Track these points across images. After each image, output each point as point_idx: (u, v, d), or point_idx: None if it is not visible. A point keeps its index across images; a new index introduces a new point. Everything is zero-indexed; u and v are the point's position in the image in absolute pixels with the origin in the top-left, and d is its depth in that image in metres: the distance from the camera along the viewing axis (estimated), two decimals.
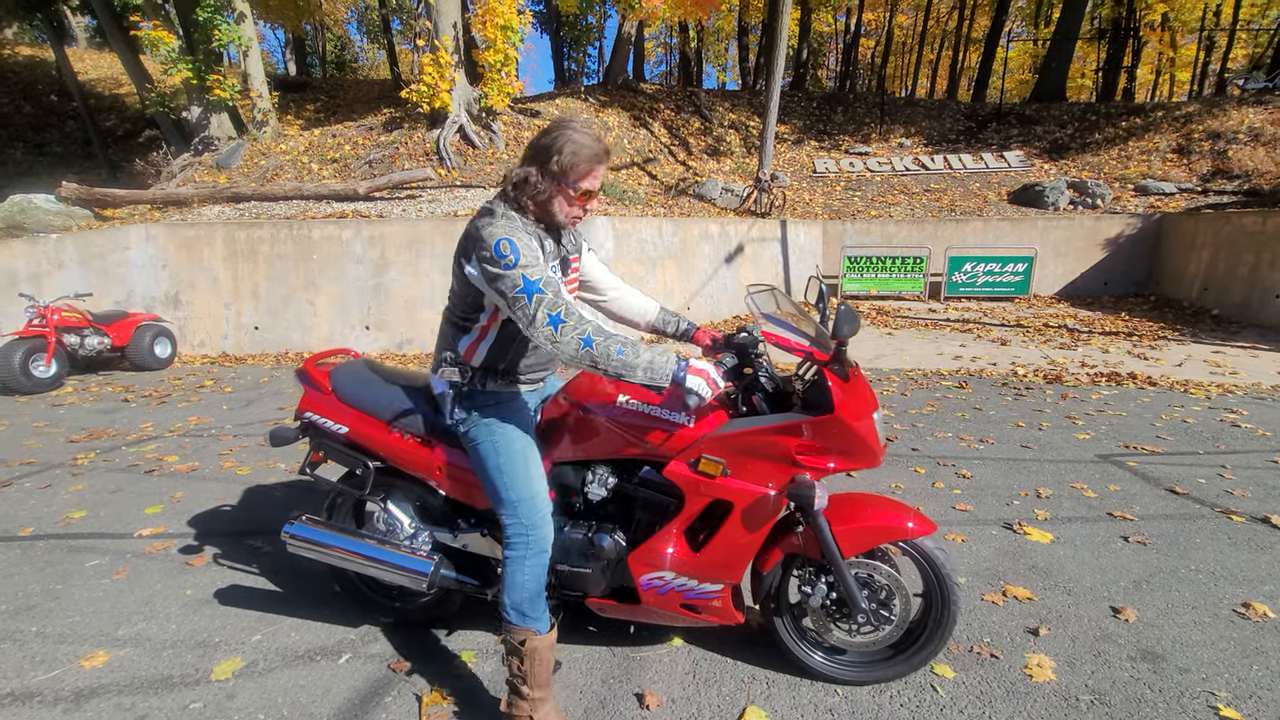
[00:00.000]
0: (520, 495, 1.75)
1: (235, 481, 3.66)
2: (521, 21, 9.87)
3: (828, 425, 1.70)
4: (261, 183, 9.13)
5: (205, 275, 7.42)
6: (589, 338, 1.55)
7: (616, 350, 1.55)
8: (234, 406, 5.32)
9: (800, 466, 1.74)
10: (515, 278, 1.56)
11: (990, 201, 12.71)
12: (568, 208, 1.71)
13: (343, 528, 2.10)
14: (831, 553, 1.82)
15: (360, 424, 2.03)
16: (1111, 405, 5.16)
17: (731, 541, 1.82)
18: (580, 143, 1.65)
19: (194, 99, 10.49)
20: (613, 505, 1.95)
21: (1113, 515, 3.17)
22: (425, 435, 1.98)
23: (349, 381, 2.09)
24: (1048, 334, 8.25)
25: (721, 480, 1.77)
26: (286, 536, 2.05)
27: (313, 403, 2.11)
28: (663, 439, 1.80)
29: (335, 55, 35.44)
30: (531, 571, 1.75)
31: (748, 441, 1.75)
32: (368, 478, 2.03)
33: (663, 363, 1.57)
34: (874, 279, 11.53)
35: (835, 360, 1.72)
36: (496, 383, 1.81)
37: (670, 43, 35.23)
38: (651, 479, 1.88)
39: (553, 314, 1.54)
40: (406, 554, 2.00)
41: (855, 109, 17.93)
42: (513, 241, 1.57)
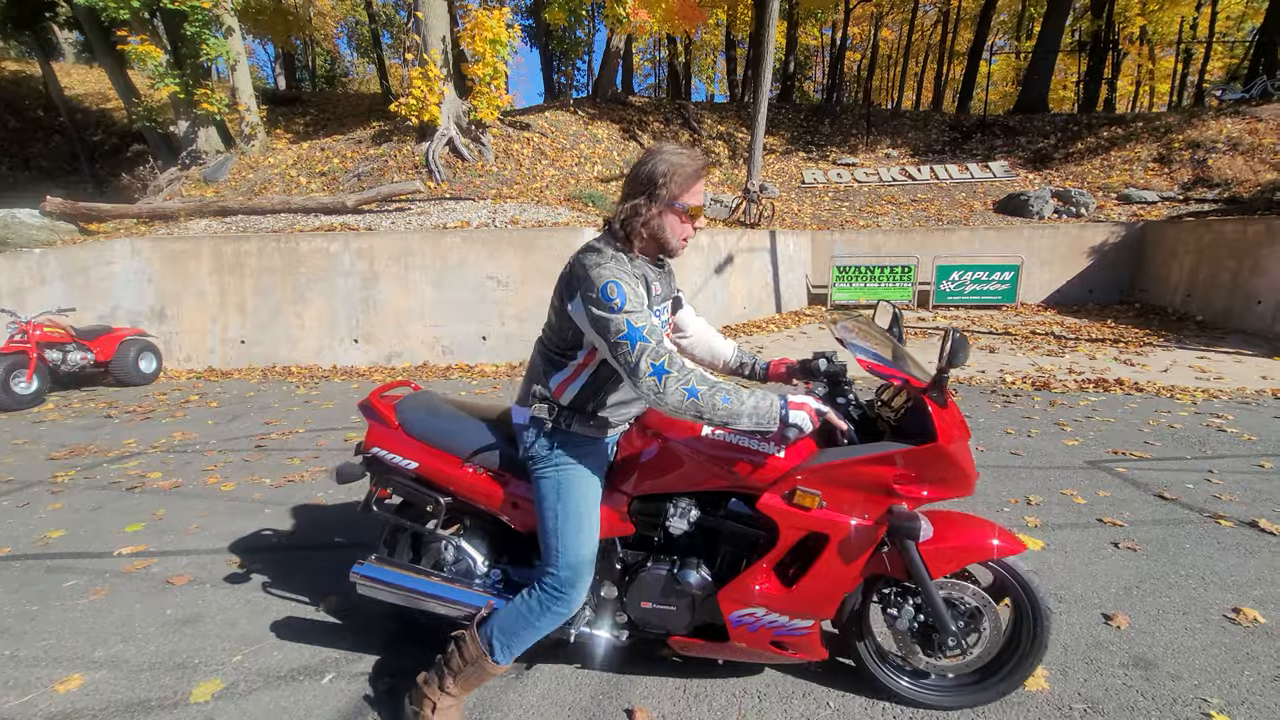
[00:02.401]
0: (566, 551, 1.71)
1: (219, 498, 3.60)
2: (511, 35, 9.93)
3: (929, 455, 1.66)
4: (249, 196, 9.09)
5: (191, 289, 7.35)
6: (693, 388, 1.54)
7: (722, 399, 1.55)
8: (219, 421, 5.26)
9: (897, 496, 1.71)
10: (620, 323, 1.54)
11: (976, 211, 12.85)
12: (679, 227, 1.70)
13: (415, 568, 2.04)
14: (921, 575, 1.77)
15: (431, 459, 1.98)
16: (1099, 412, 5.19)
17: (827, 575, 1.77)
18: (679, 162, 1.65)
19: (181, 113, 10.46)
20: (695, 539, 1.90)
21: (1102, 521, 3.17)
22: (499, 470, 1.95)
23: (418, 416, 2.04)
24: (1035, 341, 8.31)
25: (818, 513, 1.73)
26: (356, 577, 1.99)
27: (380, 438, 2.05)
28: (751, 470, 1.76)
29: (325, 70, 35.55)
30: (540, 625, 1.73)
31: (845, 473, 1.71)
32: (439, 514, 1.98)
33: (766, 406, 1.57)
34: (863, 288, 11.60)
35: (935, 387, 1.68)
36: (583, 424, 1.77)
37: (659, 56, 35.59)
38: (739, 511, 1.84)
39: (656, 364, 1.53)
40: (479, 593, 1.95)
41: (842, 120, 18.13)
42: (619, 285, 1.56)
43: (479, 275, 7.32)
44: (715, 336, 2.21)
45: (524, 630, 1.73)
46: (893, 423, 1.80)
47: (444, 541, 2.05)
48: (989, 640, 1.85)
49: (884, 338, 1.92)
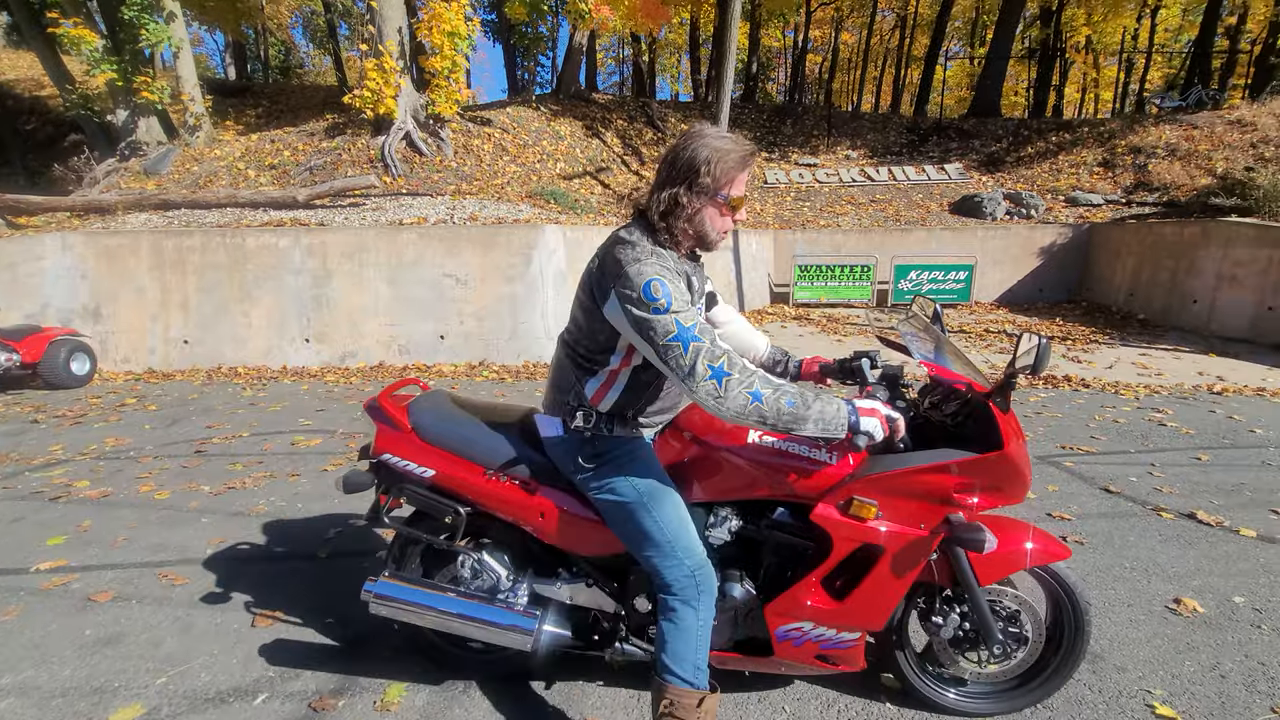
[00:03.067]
0: (678, 537, 1.62)
1: (152, 507, 3.40)
2: (470, 28, 9.72)
3: (993, 463, 1.60)
4: (193, 189, 8.69)
5: (130, 286, 6.99)
6: (757, 391, 1.42)
7: (787, 403, 1.42)
8: (157, 426, 4.99)
9: (953, 505, 1.65)
10: (668, 324, 1.42)
11: (932, 212, 13.14)
12: (720, 221, 1.57)
13: (433, 584, 1.90)
14: (969, 582, 1.72)
15: (450, 466, 1.84)
16: (1049, 407, 5.34)
17: (880, 587, 1.71)
18: (724, 149, 1.51)
19: (120, 101, 9.95)
20: (736, 549, 1.80)
21: (1051, 515, 3.24)
22: (527, 478, 1.82)
23: (433, 419, 1.90)
24: (989, 339, 8.53)
25: (874, 524, 1.66)
26: (370, 596, 1.83)
27: (391, 442, 1.89)
28: (803, 479, 1.68)
29: (280, 61, 34.42)
30: (704, 616, 1.63)
31: (904, 482, 1.64)
32: (459, 525, 1.83)
33: (834, 412, 1.45)
34: (824, 287, 11.75)
35: (999, 392, 1.61)
36: (625, 429, 1.68)
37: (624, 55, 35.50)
38: (785, 522, 1.75)
39: (715, 366, 1.41)
40: (506, 609, 1.82)
41: (803, 121, 18.35)
42: (664, 283, 1.43)
43: (436, 273, 7.14)
44: (749, 329, 2.09)
45: (702, 635, 1.63)
46: (950, 427, 1.72)
47: (462, 556, 1.91)
48: (1032, 645, 1.83)
49: (936, 337, 1.84)
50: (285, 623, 2.33)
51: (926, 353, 1.70)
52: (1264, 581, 2.59)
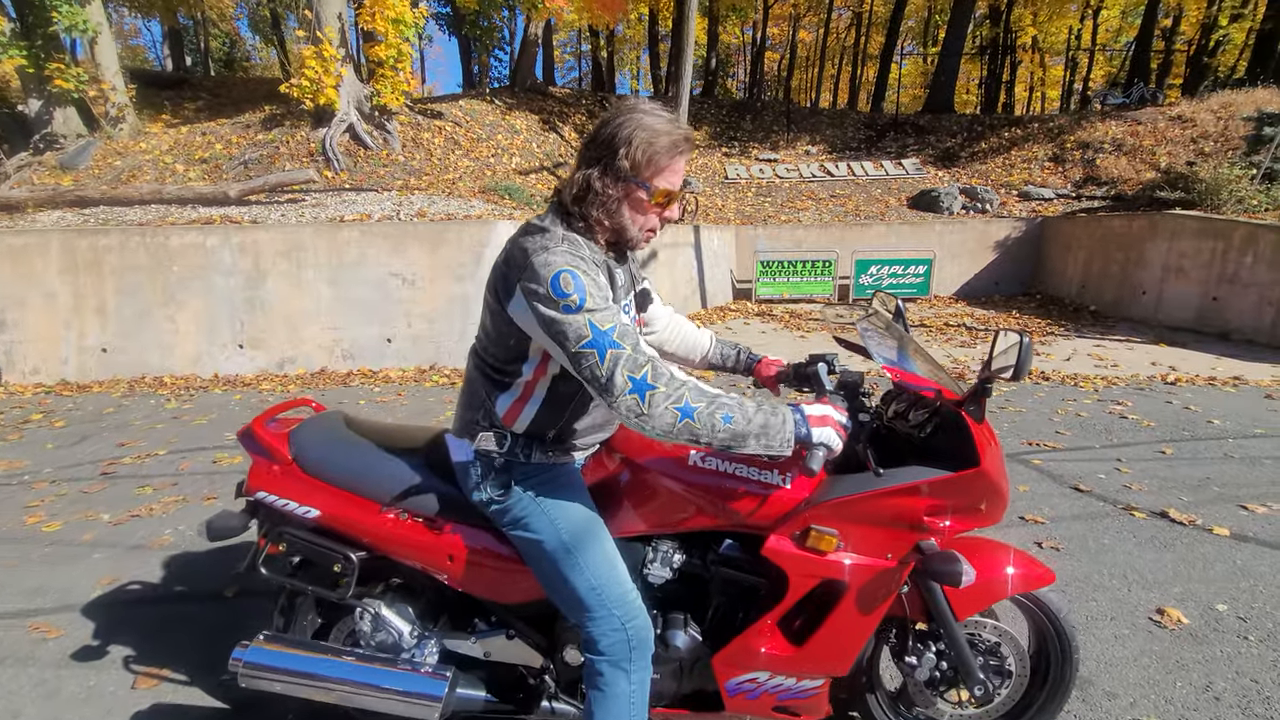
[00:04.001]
0: (606, 585, 1.37)
1: (37, 542, 2.99)
2: (416, 16, 9.28)
3: (969, 482, 1.40)
4: (114, 185, 8.06)
5: (38, 291, 6.39)
6: (688, 406, 1.19)
7: (723, 418, 1.19)
8: (62, 444, 4.51)
9: (923, 530, 1.44)
10: (581, 326, 1.18)
11: (891, 206, 13.20)
12: (642, 217, 1.33)
13: (323, 646, 1.60)
14: (945, 618, 1.52)
15: (337, 504, 1.56)
16: (1012, 402, 5.27)
17: (844, 628, 1.49)
18: (653, 128, 1.26)
19: (32, 90, 9.19)
20: (680, 588, 1.55)
21: (1025, 519, 3.10)
22: (433, 515, 1.54)
23: (319, 447, 1.61)
24: (949, 333, 8.53)
25: (836, 556, 1.44)
26: (239, 666, 1.52)
27: (266, 478, 1.60)
28: (753, 507, 1.44)
29: (223, 53, 32.96)
30: (639, 679, 1.39)
31: (869, 507, 1.42)
32: (350, 573, 1.53)
33: (778, 424, 1.22)
34: (786, 283, 11.67)
35: (973, 400, 1.40)
36: (545, 452, 1.42)
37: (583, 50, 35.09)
38: (734, 556, 1.51)
39: (637, 377, 1.18)
40: (409, 672, 1.52)
41: (763, 117, 18.32)
42: (576, 276, 1.19)
43: (381, 272, 6.73)
44: (687, 325, 1.84)
45: (635, 700, 1.38)
46: (915, 439, 1.51)
47: (360, 609, 1.60)
48: (1016, 680, 1.63)
49: (900, 338, 1.64)
50: (171, 682, 1.99)
51: (889, 355, 1.48)
52: (1244, 586, 2.48)
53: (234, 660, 1.52)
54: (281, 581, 1.60)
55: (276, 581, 1.60)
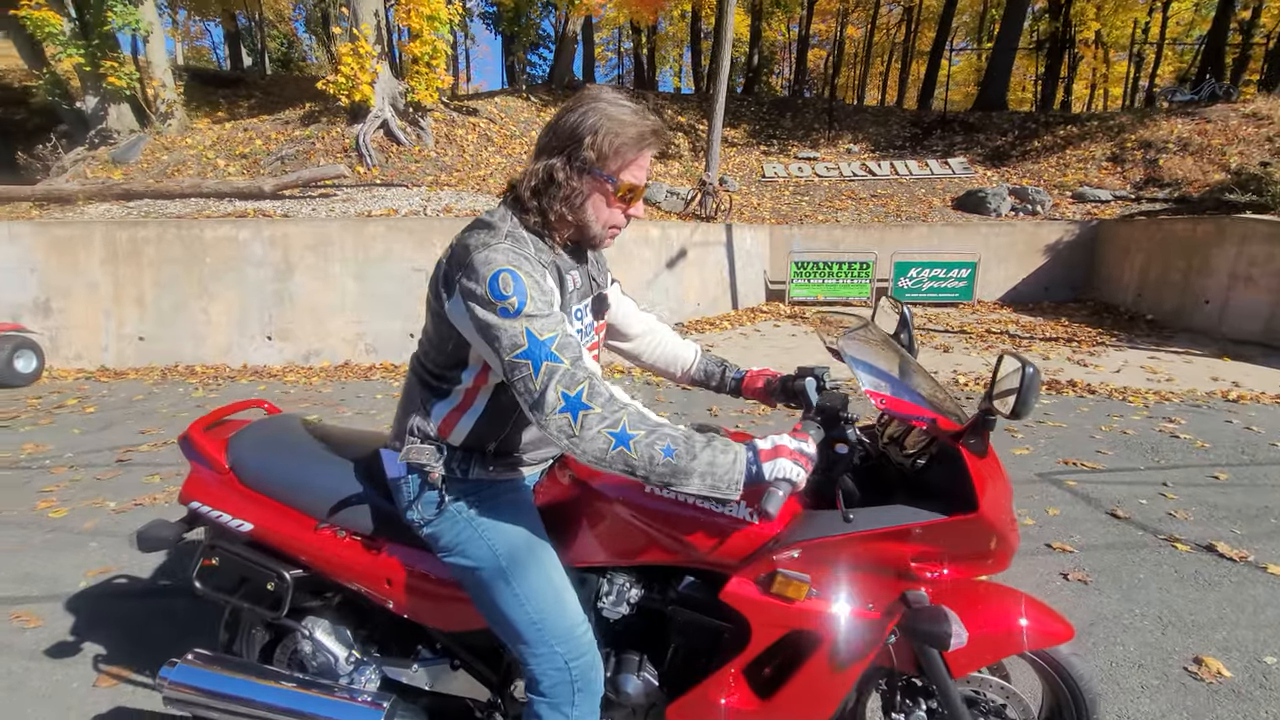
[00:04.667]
0: (547, 617, 1.24)
1: (40, 528, 3.04)
2: (452, 13, 9.33)
3: (965, 527, 1.22)
4: (159, 179, 8.34)
5: (82, 280, 6.64)
6: (624, 432, 1.07)
7: (664, 451, 1.07)
8: (88, 430, 4.64)
9: (912, 578, 1.28)
10: (516, 333, 1.08)
11: (935, 207, 12.71)
12: (606, 212, 1.23)
13: (253, 667, 1.52)
14: (939, 676, 1.32)
15: (272, 518, 1.47)
16: (1052, 415, 4.94)
17: (817, 684, 1.31)
18: (619, 119, 1.17)
19: (89, 87, 9.60)
20: (637, 624, 1.41)
21: (1051, 547, 2.85)
22: (370, 533, 1.44)
23: (256, 455, 1.52)
24: (990, 340, 8.12)
25: (806, 604, 1.27)
26: (165, 685, 1.44)
27: (201, 487, 1.52)
28: (713, 543, 1.28)
29: (281, 53, 34.13)
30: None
31: (847, 552, 1.26)
32: (284, 593, 1.45)
33: (727, 463, 1.09)
34: (821, 284, 11.34)
35: (974, 432, 1.20)
36: (485, 467, 1.31)
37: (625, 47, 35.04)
38: (695, 597, 1.36)
39: (571, 394, 1.07)
40: (343, 700, 1.42)
41: (804, 114, 17.91)
42: (517, 276, 1.10)
43: (405, 267, 6.77)
44: (671, 337, 1.70)
45: None
46: (907, 470, 1.34)
47: (299, 629, 1.51)
48: None
49: (896, 354, 1.46)
50: (131, 683, 1.96)
51: (877, 376, 1.30)
52: None
53: (160, 678, 1.44)
54: (214, 598, 1.52)
55: (210, 597, 1.52)
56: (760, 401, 1.65)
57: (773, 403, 1.64)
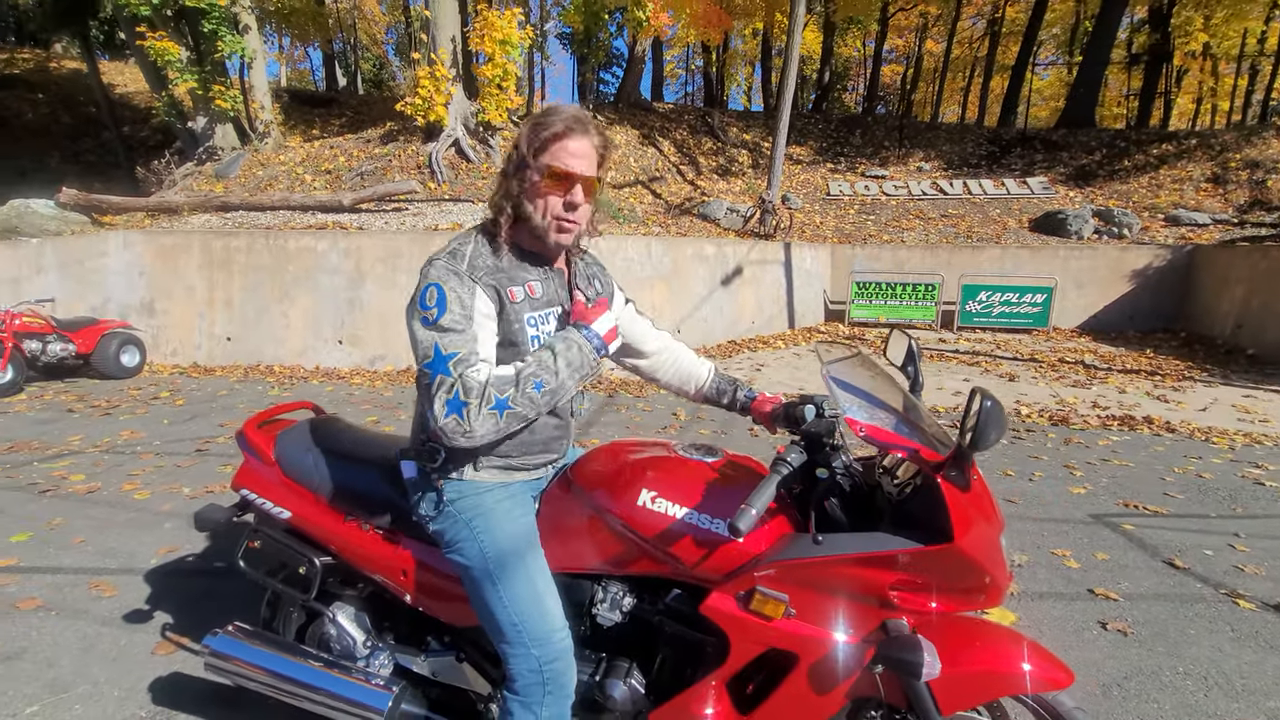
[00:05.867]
0: (526, 620, 1.33)
1: (126, 508, 3.38)
2: (522, 37, 9.75)
3: (941, 557, 1.24)
4: (253, 192, 9.08)
5: (181, 284, 7.30)
6: (502, 401, 1.19)
7: (535, 386, 1.22)
8: (176, 421, 5.10)
9: (893, 608, 1.30)
10: (428, 344, 1.20)
11: (1010, 229, 12.16)
12: (541, 200, 1.30)
13: (281, 642, 1.66)
14: (925, 709, 1.30)
15: (308, 508, 1.62)
16: (1119, 453, 4.64)
17: (797, 705, 1.34)
18: (544, 112, 1.33)
19: (199, 109, 10.58)
20: (630, 631, 1.47)
21: (1094, 593, 2.70)
22: (390, 527, 1.58)
23: (298, 451, 1.67)
24: (1062, 370, 7.69)
25: (783, 623, 1.31)
26: (207, 652, 1.61)
27: (251, 477, 1.70)
28: (698, 557, 1.34)
29: (373, 74, 36.40)
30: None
31: (825, 573, 1.29)
32: (314, 577, 1.59)
33: (577, 354, 1.28)
34: (883, 306, 11.05)
35: (954, 464, 1.23)
36: (475, 469, 1.41)
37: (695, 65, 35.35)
38: (681, 610, 1.42)
39: (450, 398, 1.17)
40: (357, 682, 1.54)
41: (874, 131, 17.54)
42: (442, 290, 1.22)
43: None
44: (686, 355, 1.78)
45: None
46: (894, 499, 1.36)
47: (325, 614, 1.66)
48: None
49: (889, 385, 1.48)
50: (187, 651, 2.17)
51: (861, 405, 1.31)
52: None
53: (203, 646, 1.62)
54: (255, 577, 1.69)
55: (251, 576, 1.69)
56: (765, 425, 1.69)
57: (774, 428, 1.67)
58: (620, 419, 5.35)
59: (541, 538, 1.45)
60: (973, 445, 1.12)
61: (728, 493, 1.36)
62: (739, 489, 1.35)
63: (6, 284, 7.16)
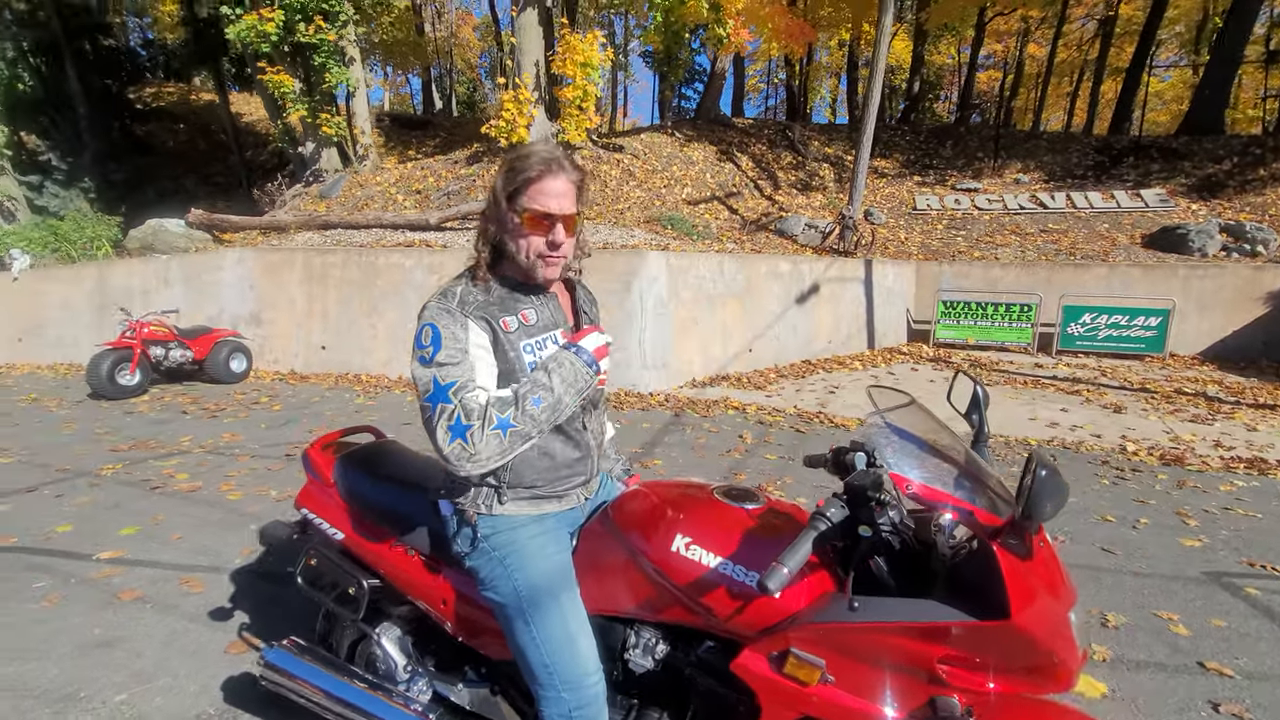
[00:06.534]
0: (558, 662, 1.31)
1: (221, 507, 3.66)
2: (603, 59, 9.98)
3: (996, 634, 1.12)
4: (350, 211, 9.74)
5: (284, 296, 7.91)
6: (504, 420, 1.20)
7: (534, 402, 1.24)
8: (272, 425, 5.50)
9: (943, 684, 1.18)
10: (427, 380, 1.24)
11: (1120, 245, 11.19)
12: (523, 241, 1.31)
13: (329, 660, 1.72)
14: None
15: (359, 531, 1.67)
16: (1244, 502, 4.12)
17: None
18: (522, 153, 1.34)
19: (308, 135, 11.49)
20: (663, 680, 1.42)
21: (1204, 666, 2.38)
22: (431, 554, 1.60)
23: (355, 475, 1.73)
24: (1178, 402, 6.95)
25: (819, 690, 1.21)
26: (262, 664, 1.70)
27: (311, 497, 1.78)
28: (732, 610, 1.27)
29: (467, 97, 38.48)
30: None
31: (863, 641, 1.19)
32: (361, 598, 1.63)
33: (573, 373, 1.29)
34: (972, 327, 10.42)
35: (1013, 530, 1.11)
36: (502, 503, 1.40)
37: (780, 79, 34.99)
38: (713, 664, 1.35)
39: (454, 424, 1.19)
40: (397, 706, 1.57)
41: (967, 142, 16.68)
42: (436, 330, 1.26)
43: None
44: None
45: None
46: (949, 561, 1.24)
47: (371, 634, 1.70)
48: None
49: (946, 436, 1.36)
50: (256, 649, 2.29)
51: (911, 459, 1.21)
52: None
53: (260, 658, 1.70)
54: (311, 594, 1.77)
55: (308, 593, 1.77)
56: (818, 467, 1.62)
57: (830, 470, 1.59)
58: (685, 439, 5.30)
59: (578, 575, 1.43)
60: (1026, 516, 1.01)
61: (765, 544, 1.29)
62: (778, 540, 1.28)
63: (139, 295, 8.01)
